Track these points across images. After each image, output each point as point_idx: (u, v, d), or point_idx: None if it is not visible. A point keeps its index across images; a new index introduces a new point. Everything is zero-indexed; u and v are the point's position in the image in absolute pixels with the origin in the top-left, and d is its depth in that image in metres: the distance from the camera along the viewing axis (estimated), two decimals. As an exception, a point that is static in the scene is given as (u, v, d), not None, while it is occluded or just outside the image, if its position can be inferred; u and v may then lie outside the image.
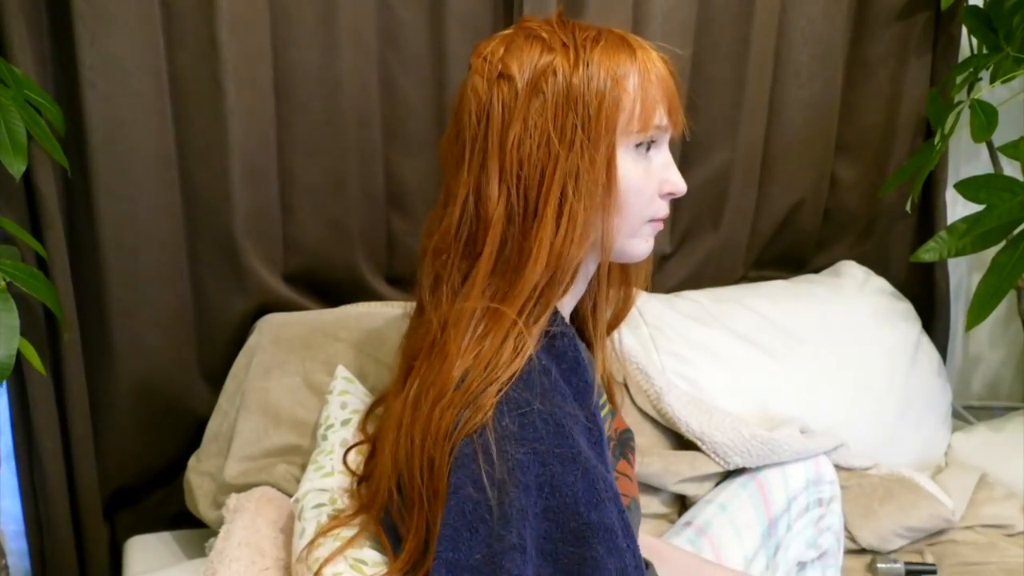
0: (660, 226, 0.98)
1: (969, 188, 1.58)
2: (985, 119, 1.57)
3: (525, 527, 0.81)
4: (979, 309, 1.58)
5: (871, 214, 1.89)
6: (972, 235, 1.58)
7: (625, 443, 1.08)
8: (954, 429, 1.79)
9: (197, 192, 1.41)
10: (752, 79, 1.67)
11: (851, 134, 1.83)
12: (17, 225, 1.27)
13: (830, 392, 1.65)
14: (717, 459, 1.41)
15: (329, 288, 1.54)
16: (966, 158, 1.94)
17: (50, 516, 1.42)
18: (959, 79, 1.71)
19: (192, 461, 1.38)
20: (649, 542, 1.19)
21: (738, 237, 1.78)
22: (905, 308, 1.80)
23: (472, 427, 0.84)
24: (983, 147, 1.85)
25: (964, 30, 1.78)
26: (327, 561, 0.96)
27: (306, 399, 1.33)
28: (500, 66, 0.90)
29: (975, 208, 1.58)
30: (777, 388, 1.62)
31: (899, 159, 1.82)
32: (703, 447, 1.43)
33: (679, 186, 0.95)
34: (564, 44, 0.89)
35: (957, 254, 1.61)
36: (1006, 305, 2.01)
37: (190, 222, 1.42)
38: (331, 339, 1.38)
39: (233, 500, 1.26)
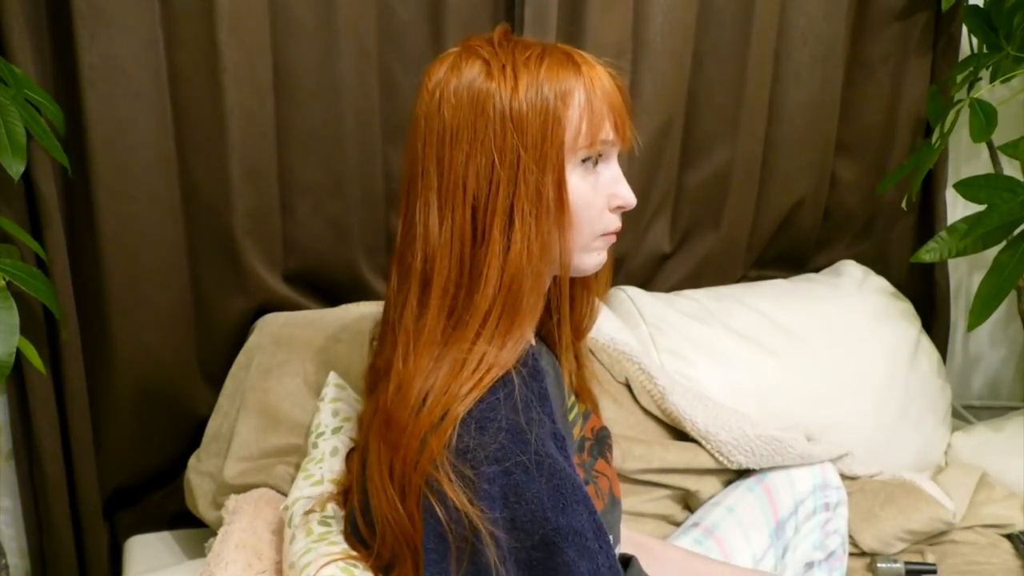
0: (612, 239, 0.98)
1: (969, 188, 1.57)
2: (984, 119, 1.57)
3: (499, 539, 0.83)
4: (981, 309, 1.57)
5: (871, 214, 1.89)
6: (973, 235, 1.58)
7: (602, 441, 1.09)
8: (954, 429, 1.79)
9: (197, 192, 1.41)
10: (752, 79, 1.67)
11: (851, 134, 1.83)
12: (16, 225, 1.26)
13: (830, 391, 1.65)
14: (720, 457, 1.41)
15: (329, 288, 1.54)
16: (966, 158, 1.94)
17: (50, 516, 1.42)
18: (959, 78, 1.71)
19: (192, 461, 1.38)
20: (638, 539, 1.20)
21: (738, 236, 1.78)
22: (905, 308, 1.79)
23: (436, 450, 0.85)
24: (983, 147, 1.85)
25: (964, 29, 1.78)
26: (322, 567, 0.97)
27: (306, 400, 1.33)
28: (441, 90, 0.91)
29: (975, 208, 1.58)
30: (777, 387, 1.62)
31: (899, 159, 1.82)
32: (707, 446, 1.43)
33: (628, 199, 0.95)
34: (504, 65, 0.90)
35: (958, 254, 1.61)
36: (1006, 305, 2.01)
37: (190, 222, 1.42)
38: (332, 340, 1.38)
39: (232, 502, 1.26)
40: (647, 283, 1.76)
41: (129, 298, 1.40)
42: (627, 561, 1.13)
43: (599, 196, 0.94)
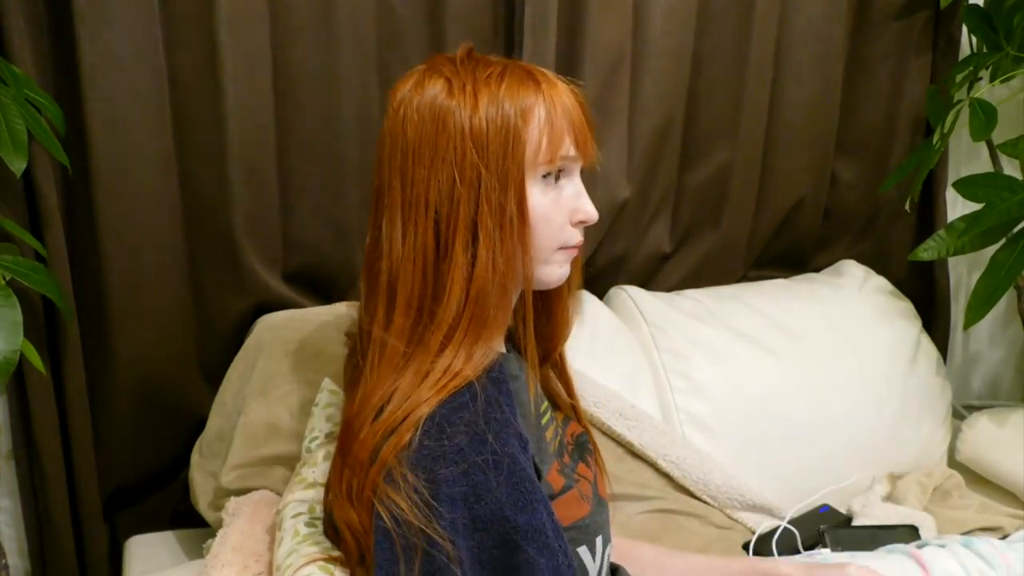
0: (575, 252, 0.99)
1: (968, 187, 1.57)
2: (984, 118, 1.57)
3: (457, 541, 0.83)
4: (977, 307, 1.58)
5: (871, 213, 1.89)
6: (971, 234, 1.58)
7: (583, 446, 1.10)
8: (954, 428, 1.79)
9: (197, 191, 1.41)
10: (752, 79, 1.67)
11: (851, 133, 1.83)
12: (17, 224, 1.27)
13: (830, 391, 1.65)
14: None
15: (328, 287, 1.54)
16: (966, 157, 1.94)
17: (50, 516, 1.42)
18: (959, 78, 1.71)
19: (195, 457, 1.38)
20: (614, 541, 1.20)
21: (738, 236, 1.78)
22: (905, 307, 1.79)
23: (388, 456, 0.86)
24: (983, 146, 1.85)
25: (964, 29, 1.78)
26: (300, 567, 0.99)
27: (305, 402, 1.33)
28: (405, 107, 0.93)
29: (975, 207, 1.58)
30: (777, 387, 1.62)
31: (899, 158, 1.82)
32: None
33: (590, 214, 0.97)
34: (465, 83, 0.92)
35: (956, 253, 1.61)
36: (1006, 304, 2.01)
37: (190, 221, 1.42)
38: (332, 341, 1.38)
39: (232, 504, 1.26)
40: (647, 283, 1.76)
41: (129, 298, 1.40)
42: (615, 570, 1.14)
43: (560, 211, 0.95)
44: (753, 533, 1.48)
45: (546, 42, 1.48)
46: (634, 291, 1.69)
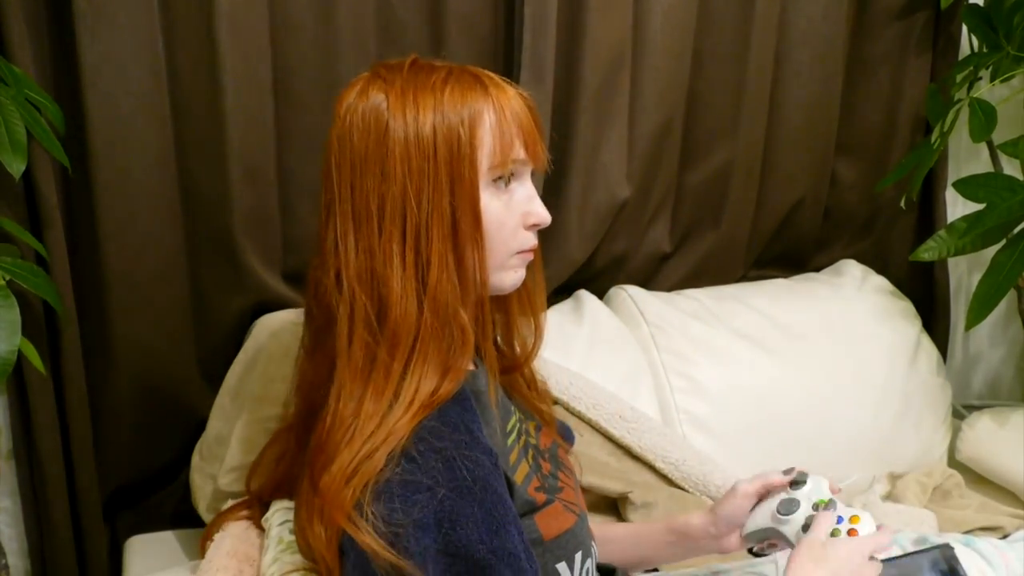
0: (530, 256, 0.98)
1: (968, 187, 1.57)
2: (984, 118, 1.57)
3: (428, 568, 0.83)
4: (979, 308, 1.57)
5: (871, 213, 1.89)
6: (972, 234, 1.58)
7: (555, 456, 1.08)
8: (954, 428, 1.79)
9: (196, 191, 1.41)
10: (752, 78, 1.67)
11: (851, 133, 1.83)
12: (17, 224, 1.27)
13: (830, 390, 1.65)
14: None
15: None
16: (966, 157, 1.94)
17: (50, 516, 1.42)
18: (959, 77, 1.71)
19: (195, 459, 1.38)
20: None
21: (738, 236, 1.78)
22: (905, 307, 1.80)
23: (360, 484, 0.85)
24: (983, 146, 1.85)
25: (964, 29, 1.78)
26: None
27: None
28: (351, 116, 0.92)
29: (975, 207, 1.58)
30: (777, 386, 1.62)
31: (899, 158, 1.82)
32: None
33: (543, 217, 0.96)
34: (406, 91, 0.91)
35: (956, 253, 1.61)
36: (1006, 304, 2.01)
37: (190, 221, 1.42)
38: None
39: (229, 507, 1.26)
40: (647, 283, 1.76)
41: (129, 297, 1.40)
42: (611, 572, 1.13)
43: (512, 215, 0.95)
44: None
45: (546, 42, 1.48)
46: (634, 291, 1.69)
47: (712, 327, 1.64)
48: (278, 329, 1.41)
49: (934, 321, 1.92)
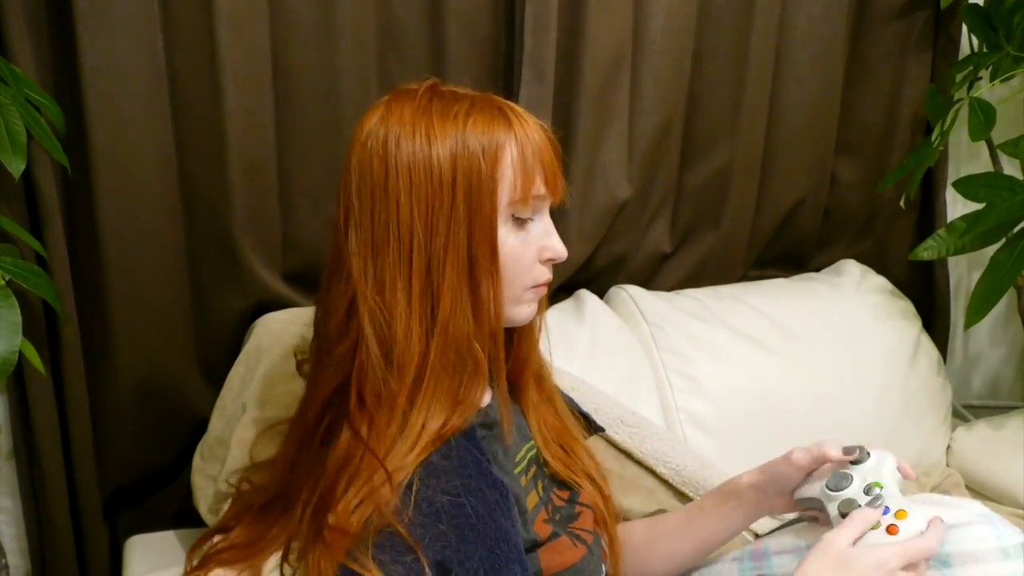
0: (543, 290, 0.97)
1: (968, 186, 1.58)
2: (983, 118, 1.57)
3: None
4: (978, 307, 1.58)
5: (871, 213, 1.89)
6: (971, 233, 1.58)
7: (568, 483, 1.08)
8: (954, 428, 1.79)
9: (196, 191, 1.41)
10: (752, 78, 1.67)
11: (851, 133, 1.83)
12: (17, 224, 1.27)
13: (830, 390, 1.65)
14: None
15: (329, 287, 1.54)
16: (966, 156, 1.94)
17: (50, 516, 1.42)
18: (959, 77, 1.71)
19: (197, 460, 1.38)
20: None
21: (738, 236, 1.78)
22: (905, 307, 1.80)
23: (365, 523, 0.84)
24: (983, 145, 1.85)
25: (964, 29, 1.78)
26: None
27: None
28: (372, 142, 0.90)
29: (975, 207, 1.58)
30: (777, 386, 1.62)
31: (899, 158, 1.82)
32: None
33: (560, 253, 0.95)
34: (430, 121, 0.89)
35: (956, 252, 1.61)
36: (1006, 304, 2.01)
37: (190, 221, 1.42)
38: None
39: (229, 509, 1.26)
40: (647, 283, 1.76)
41: (129, 297, 1.40)
42: None
43: (529, 249, 0.94)
44: (755, 536, 1.48)
45: (546, 42, 1.48)
46: (634, 290, 1.69)
47: (712, 327, 1.64)
48: (278, 329, 1.41)
49: (934, 321, 1.92)
